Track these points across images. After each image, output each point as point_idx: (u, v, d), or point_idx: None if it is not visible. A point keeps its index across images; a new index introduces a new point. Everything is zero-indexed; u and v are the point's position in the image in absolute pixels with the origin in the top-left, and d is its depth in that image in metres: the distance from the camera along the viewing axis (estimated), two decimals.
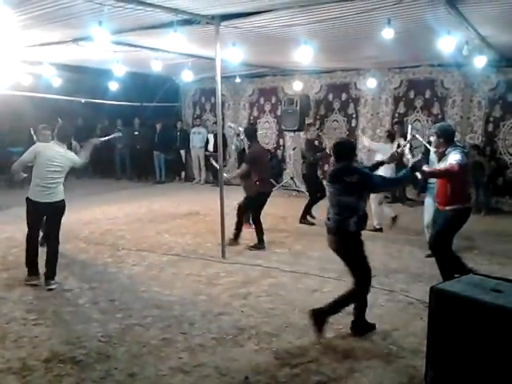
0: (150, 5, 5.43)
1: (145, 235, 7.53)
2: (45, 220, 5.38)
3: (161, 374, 3.50)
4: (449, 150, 4.81)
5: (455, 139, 5.09)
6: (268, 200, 6.95)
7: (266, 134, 12.45)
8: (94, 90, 11.31)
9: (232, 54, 6.97)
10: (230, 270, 5.82)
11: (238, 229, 6.89)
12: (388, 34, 5.66)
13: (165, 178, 13.70)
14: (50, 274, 5.22)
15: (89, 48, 7.62)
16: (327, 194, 4.27)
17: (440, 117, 9.93)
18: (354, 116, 11.12)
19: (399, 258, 6.33)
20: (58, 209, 5.26)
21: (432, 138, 5.19)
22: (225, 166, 10.04)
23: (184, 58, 9.08)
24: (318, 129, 8.49)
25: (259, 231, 6.83)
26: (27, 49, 8.03)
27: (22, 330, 4.19)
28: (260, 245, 6.79)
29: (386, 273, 5.71)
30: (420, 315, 4.37)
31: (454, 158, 4.63)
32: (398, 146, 6.91)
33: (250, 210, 7.05)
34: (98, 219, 8.67)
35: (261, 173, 6.83)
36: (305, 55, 6.63)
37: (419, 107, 10.22)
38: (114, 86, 10.76)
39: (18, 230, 4.86)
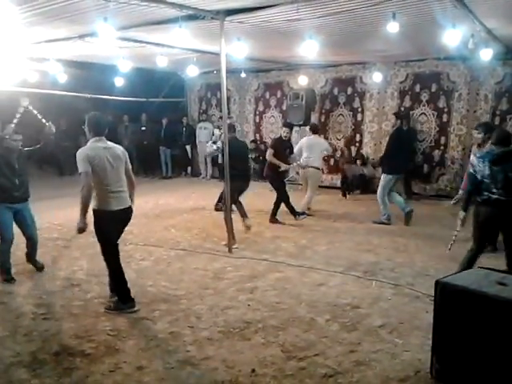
0: (155, 0, 5.45)
1: (152, 230, 7.58)
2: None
3: (169, 366, 3.54)
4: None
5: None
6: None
7: (272, 128, 12.45)
8: (99, 85, 11.33)
9: (237, 49, 6.97)
10: (237, 265, 5.85)
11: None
12: (393, 27, 5.65)
13: (171, 174, 13.76)
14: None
15: (94, 44, 7.64)
16: (489, 174, 4.56)
17: (446, 110, 9.89)
18: (359, 110, 11.09)
19: (405, 252, 6.34)
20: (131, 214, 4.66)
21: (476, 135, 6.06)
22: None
23: (189, 53, 9.09)
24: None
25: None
26: (33, 46, 8.07)
27: (32, 325, 4.25)
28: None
29: (392, 266, 5.72)
30: (426, 309, 4.38)
31: None
32: None
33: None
34: None
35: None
36: (310, 49, 6.62)
37: (425, 101, 10.17)
38: (119, 82, 10.79)
39: None
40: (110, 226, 4.48)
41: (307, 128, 9.30)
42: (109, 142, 4.51)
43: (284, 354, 3.70)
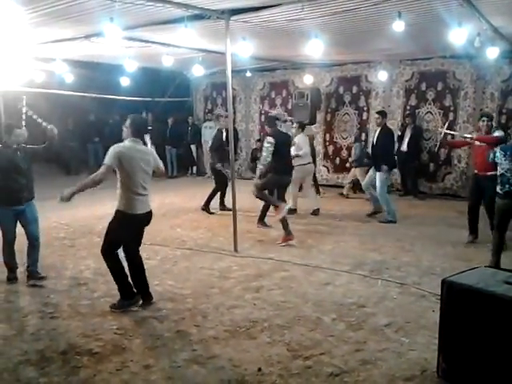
0: (161, 0, 5.46)
1: (157, 229, 7.58)
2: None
3: (175, 365, 3.56)
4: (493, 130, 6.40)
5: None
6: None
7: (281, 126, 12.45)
8: (106, 85, 11.38)
9: (242, 49, 6.98)
10: (243, 264, 5.86)
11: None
12: (399, 26, 5.64)
13: (177, 173, 13.78)
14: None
15: (100, 44, 7.68)
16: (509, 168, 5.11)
17: (452, 109, 9.85)
18: (365, 109, 11.07)
19: (411, 251, 6.33)
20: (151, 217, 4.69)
21: (481, 123, 6.43)
22: (236, 160, 10.01)
23: (195, 53, 9.11)
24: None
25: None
26: (40, 46, 8.11)
27: (40, 323, 4.28)
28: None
29: (398, 265, 5.72)
30: (432, 308, 4.37)
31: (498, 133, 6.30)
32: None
33: None
34: (111, 214, 8.68)
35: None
36: (315, 49, 6.62)
37: (431, 99, 10.14)
38: (125, 82, 10.82)
39: None
40: (130, 229, 4.48)
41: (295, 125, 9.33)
42: (142, 146, 4.53)
43: (290, 353, 3.71)
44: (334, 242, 6.84)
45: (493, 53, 7.50)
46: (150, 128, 13.53)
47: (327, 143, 11.75)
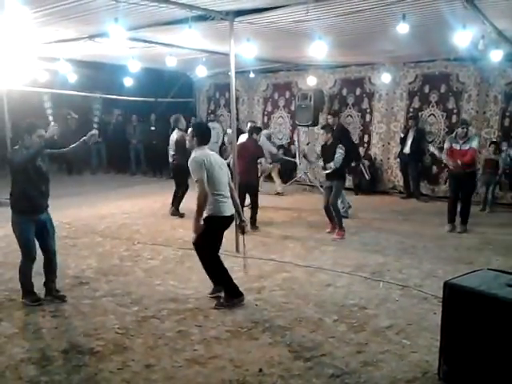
0: (165, 1, 5.47)
1: (160, 229, 7.61)
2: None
3: (176, 365, 3.56)
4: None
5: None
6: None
7: (280, 129, 12.46)
8: (109, 85, 11.41)
9: (246, 50, 6.98)
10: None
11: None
12: (403, 29, 5.64)
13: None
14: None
15: (104, 44, 7.70)
16: None
17: (455, 111, 9.84)
18: (368, 111, 11.06)
19: (413, 253, 6.32)
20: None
21: (460, 130, 7.33)
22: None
23: (198, 54, 9.12)
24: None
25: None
26: (44, 45, 8.14)
27: (41, 322, 4.29)
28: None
29: (399, 268, 5.71)
30: (433, 310, 4.37)
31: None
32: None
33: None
34: (114, 214, 8.76)
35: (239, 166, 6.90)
36: (319, 50, 6.62)
37: (434, 102, 10.12)
38: (129, 82, 10.85)
39: None
40: (221, 231, 4.56)
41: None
42: (209, 150, 4.60)
43: (291, 354, 3.71)
44: (335, 243, 6.83)
45: (497, 56, 7.48)
46: (153, 129, 13.56)
47: None
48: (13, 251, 6.42)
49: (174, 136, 8.62)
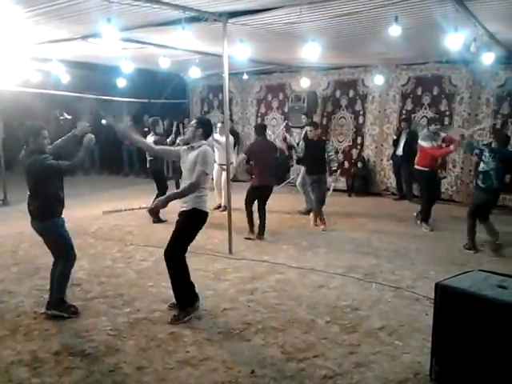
0: (158, 2, 5.46)
1: (152, 231, 7.59)
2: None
3: (168, 367, 3.55)
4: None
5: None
6: (270, 195, 7.21)
7: (274, 130, 12.46)
8: (102, 86, 11.36)
9: (239, 51, 6.98)
10: (237, 266, 5.86)
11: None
12: (395, 31, 5.66)
13: (172, 174, 13.75)
14: None
15: (97, 45, 7.66)
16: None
17: (448, 113, 9.90)
18: (361, 113, 11.10)
19: (405, 255, 6.34)
20: None
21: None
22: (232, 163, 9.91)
23: (191, 55, 9.11)
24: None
25: (248, 221, 7.11)
26: (36, 46, 8.09)
27: (33, 324, 4.26)
28: (249, 235, 7.08)
29: (392, 269, 5.73)
30: (425, 311, 4.39)
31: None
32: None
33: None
34: (106, 215, 8.73)
35: (257, 167, 7.02)
36: (312, 52, 6.63)
37: (427, 104, 10.18)
38: (122, 83, 10.81)
39: (29, 225, 4.93)
40: (201, 226, 4.49)
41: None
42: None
43: (284, 355, 3.71)
44: (328, 244, 6.84)
45: (488, 58, 7.53)
46: (146, 130, 13.53)
47: None
48: (5, 252, 6.41)
49: (151, 140, 8.06)
